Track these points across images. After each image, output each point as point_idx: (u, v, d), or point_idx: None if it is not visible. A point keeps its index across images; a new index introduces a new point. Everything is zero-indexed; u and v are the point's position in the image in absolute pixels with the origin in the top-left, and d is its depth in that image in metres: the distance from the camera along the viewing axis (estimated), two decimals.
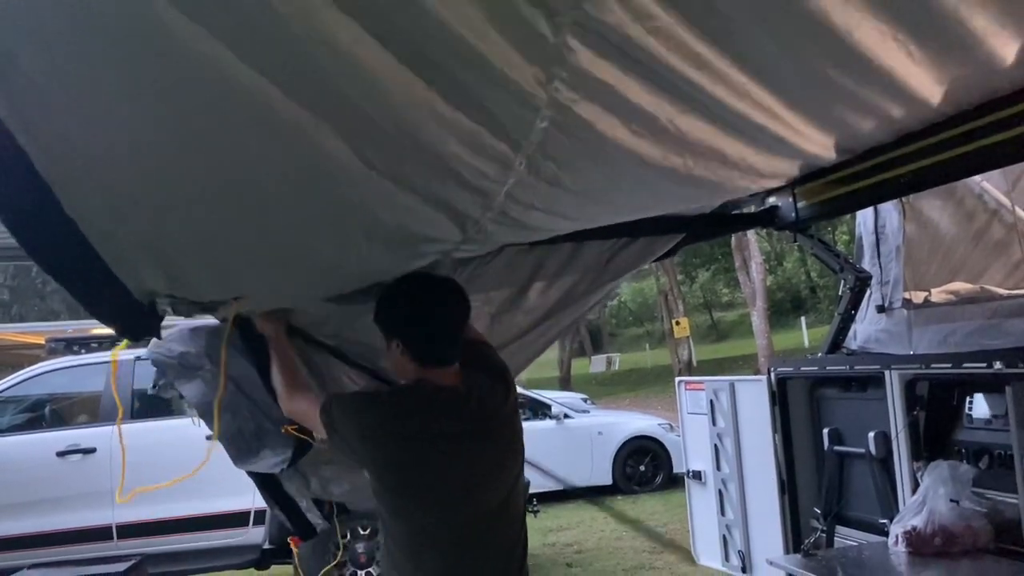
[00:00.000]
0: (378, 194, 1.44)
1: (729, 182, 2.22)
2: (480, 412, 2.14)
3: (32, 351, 9.71)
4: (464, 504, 2.10)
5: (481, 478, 2.13)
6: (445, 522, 2.09)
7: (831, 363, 3.60)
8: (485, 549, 2.12)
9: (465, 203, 1.62)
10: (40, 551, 5.87)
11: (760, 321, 20.07)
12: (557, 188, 1.64)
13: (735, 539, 3.93)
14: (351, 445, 2.09)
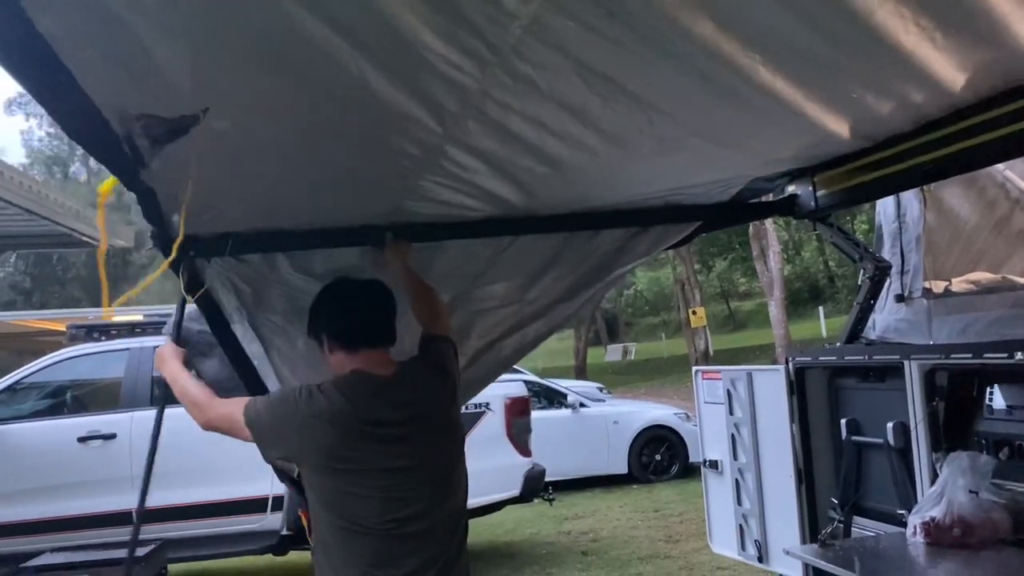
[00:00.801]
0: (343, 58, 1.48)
1: (732, 141, 2.22)
2: (414, 400, 2.21)
3: (53, 338, 9.83)
4: (399, 490, 2.14)
5: (416, 464, 2.17)
6: (380, 509, 2.12)
7: (850, 353, 3.58)
8: (421, 538, 2.15)
9: (441, 93, 1.65)
10: (61, 535, 5.94)
11: (777, 311, 19.98)
12: (534, 91, 1.67)
13: (751, 528, 3.93)
14: (285, 438, 2.14)
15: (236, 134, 1.86)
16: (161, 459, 6.74)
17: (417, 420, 2.20)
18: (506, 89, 1.66)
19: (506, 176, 2.29)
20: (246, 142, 1.88)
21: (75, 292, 31.59)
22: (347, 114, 1.78)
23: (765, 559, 3.85)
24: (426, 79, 1.59)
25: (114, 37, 1.43)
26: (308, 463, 2.15)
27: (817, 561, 2.82)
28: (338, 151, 2.04)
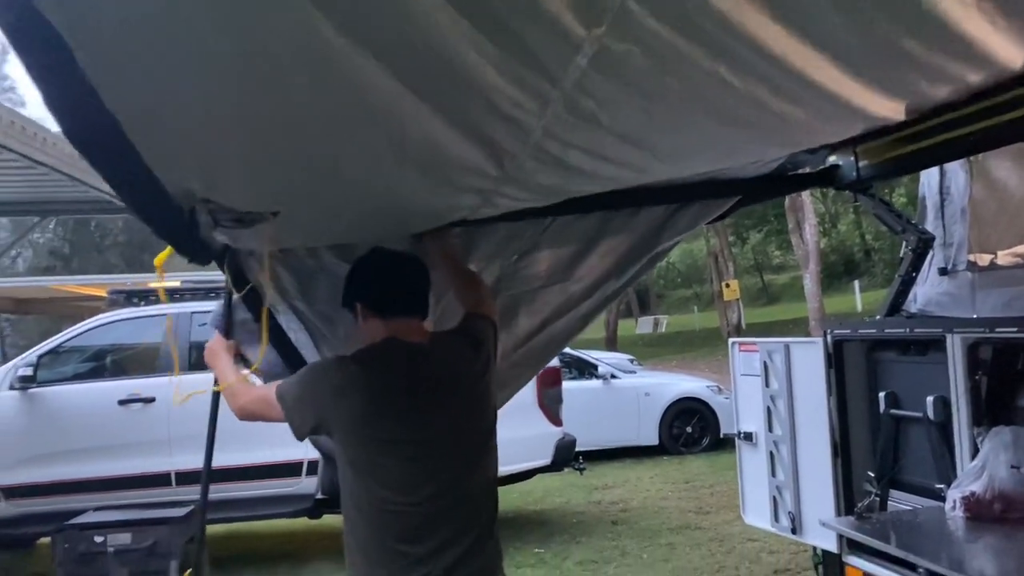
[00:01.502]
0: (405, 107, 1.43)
1: (783, 137, 2.17)
2: (446, 370, 2.21)
3: (92, 303, 10.00)
4: (428, 461, 2.12)
5: (446, 436, 2.16)
6: (408, 480, 2.11)
7: (890, 326, 3.53)
8: (450, 511, 2.13)
9: (501, 134, 1.60)
10: (103, 495, 6.09)
11: (812, 284, 19.76)
12: (596, 127, 1.62)
13: (785, 501, 3.91)
14: (317, 407, 2.12)
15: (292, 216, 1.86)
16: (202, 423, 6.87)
17: (448, 390, 2.20)
18: (567, 125, 1.59)
19: (558, 197, 2.31)
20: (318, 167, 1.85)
21: (112, 259, 32.09)
22: (404, 170, 1.74)
23: (799, 531, 3.84)
24: (488, 121, 1.54)
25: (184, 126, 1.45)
26: (339, 432, 2.14)
27: (853, 533, 2.81)
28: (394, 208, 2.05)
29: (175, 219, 1.82)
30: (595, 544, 6.89)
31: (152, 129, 1.44)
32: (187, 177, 1.70)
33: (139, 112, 1.37)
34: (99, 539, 3.94)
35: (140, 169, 1.55)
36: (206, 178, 1.74)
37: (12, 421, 6.49)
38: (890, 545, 2.58)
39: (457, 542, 2.11)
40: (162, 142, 1.50)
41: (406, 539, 2.08)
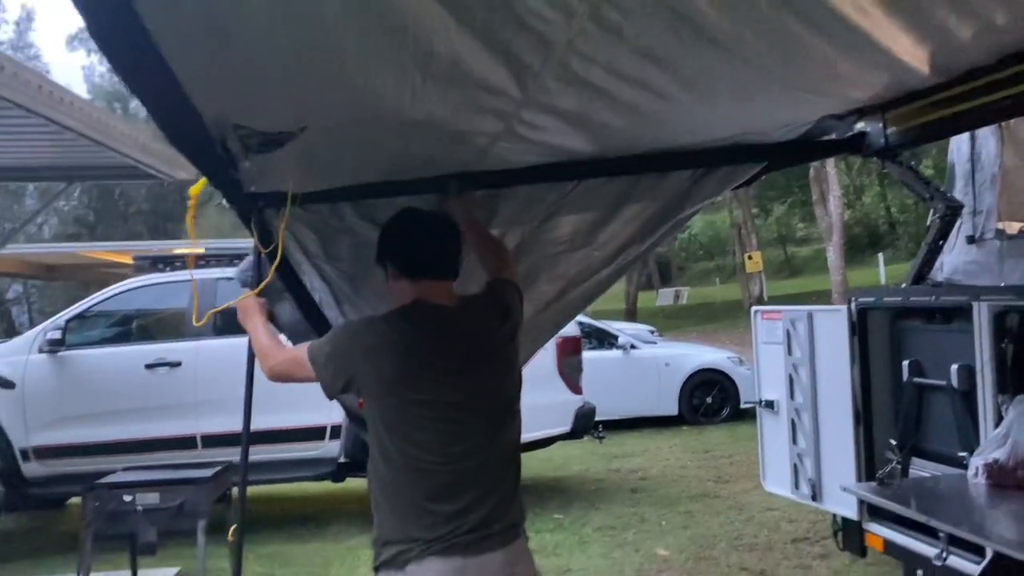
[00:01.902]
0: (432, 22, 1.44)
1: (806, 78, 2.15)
2: (473, 333, 2.23)
3: (117, 270, 10.13)
4: (455, 423, 2.15)
5: (472, 398, 2.18)
6: (436, 441, 2.13)
7: (916, 294, 3.51)
8: (476, 472, 2.15)
9: (522, 47, 1.60)
10: (131, 457, 6.19)
11: (836, 256, 19.62)
12: (619, 41, 1.62)
13: (806, 468, 3.93)
14: (347, 368, 2.15)
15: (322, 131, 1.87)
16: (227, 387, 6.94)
17: (475, 353, 2.21)
18: (591, 38, 1.60)
19: (579, 130, 2.27)
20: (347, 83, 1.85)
21: (136, 227, 32.39)
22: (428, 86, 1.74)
23: (819, 498, 3.85)
24: (512, 35, 1.54)
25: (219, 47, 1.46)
26: (368, 393, 2.18)
27: (874, 498, 2.81)
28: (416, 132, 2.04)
29: (209, 148, 1.87)
30: (614, 511, 6.94)
31: (189, 52, 1.47)
32: (220, 101, 1.72)
33: (178, 36, 1.40)
34: (128, 498, 4.00)
35: (177, 95, 1.58)
36: (238, 100, 1.76)
37: (42, 384, 6.61)
38: (911, 510, 2.58)
39: (483, 502, 2.14)
40: (197, 65, 1.52)
41: (433, 497, 2.11)
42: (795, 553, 5.56)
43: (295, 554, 6.11)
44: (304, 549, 6.25)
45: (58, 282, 17.77)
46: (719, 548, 5.78)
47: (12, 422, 6.50)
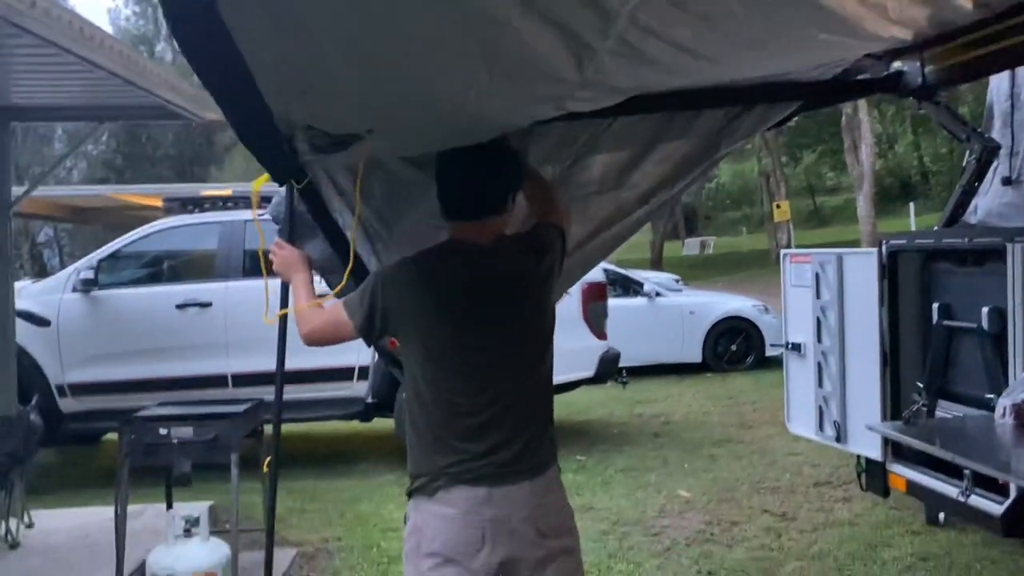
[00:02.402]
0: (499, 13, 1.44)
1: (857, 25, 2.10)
2: (507, 272, 2.22)
3: (147, 212, 10.22)
4: (488, 362, 2.17)
5: (506, 337, 2.19)
6: (469, 380, 2.16)
7: (948, 236, 3.47)
8: (508, 412, 2.17)
9: (584, 24, 1.58)
10: (163, 394, 6.32)
11: (866, 206, 19.37)
12: (679, 9, 1.60)
13: (831, 410, 3.94)
14: (383, 312, 2.15)
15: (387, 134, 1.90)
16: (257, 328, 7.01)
17: (509, 293, 2.22)
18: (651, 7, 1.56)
19: (625, 95, 2.25)
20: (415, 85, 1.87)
21: (164, 171, 32.58)
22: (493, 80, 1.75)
23: (843, 439, 3.87)
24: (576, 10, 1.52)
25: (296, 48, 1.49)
26: (402, 333, 2.20)
27: (900, 436, 2.83)
28: (473, 128, 2.07)
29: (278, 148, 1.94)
30: (637, 453, 7.02)
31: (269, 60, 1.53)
32: (293, 106, 1.79)
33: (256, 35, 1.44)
34: (163, 431, 4.09)
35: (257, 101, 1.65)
36: (310, 106, 1.81)
37: (76, 322, 6.74)
38: (936, 448, 2.59)
39: (513, 441, 2.17)
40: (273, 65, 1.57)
41: (464, 436, 2.14)
42: (817, 496, 5.62)
43: (324, 490, 6.26)
44: (333, 485, 6.40)
45: (88, 225, 17.96)
46: (741, 490, 5.84)
47: (48, 359, 6.66)
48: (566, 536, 2.25)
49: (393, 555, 4.72)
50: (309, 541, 5.05)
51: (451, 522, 2.11)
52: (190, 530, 3.73)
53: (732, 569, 4.34)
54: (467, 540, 2.10)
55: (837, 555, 4.49)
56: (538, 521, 2.17)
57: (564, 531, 2.25)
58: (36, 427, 4.92)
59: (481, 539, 2.10)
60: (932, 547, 4.52)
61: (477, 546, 2.11)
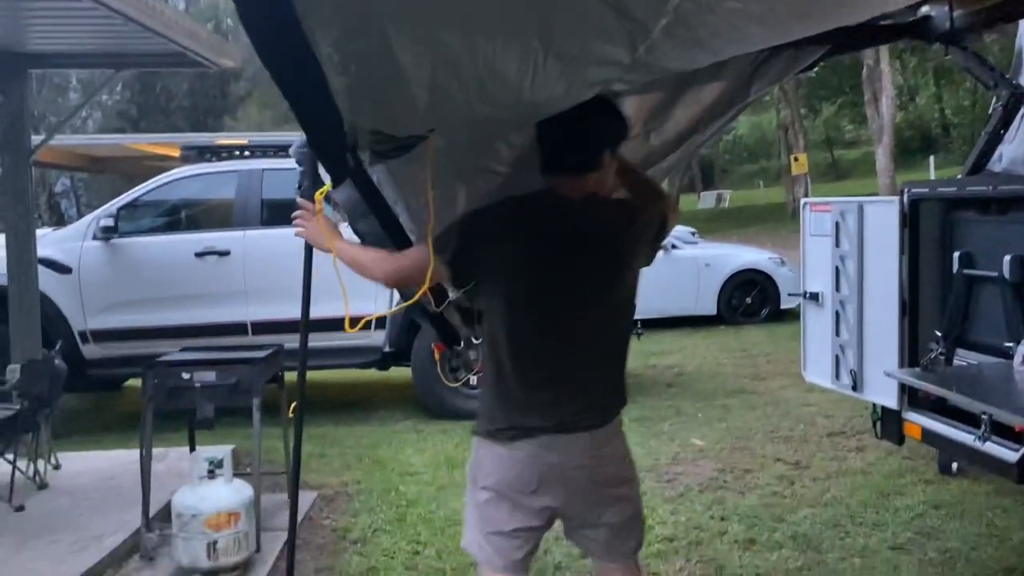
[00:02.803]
0: None
1: None
2: (596, 229, 2.20)
3: (163, 163, 10.23)
4: (569, 311, 2.18)
5: (581, 290, 2.19)
6: (549, 328, 2.17)
7: (972, 184, 3.44)
8: (583, 363, 2.20)
9: (639, 1, 1.60)
10: (184, 341, 6.39)
11: (885, 159, 19.15)
12: None
13: (848, 359, 3.95)
14: (475, 255, 2.17)
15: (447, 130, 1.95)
16: (275, 277, 7.08)
17: (594, 248, 2.21)
18: None
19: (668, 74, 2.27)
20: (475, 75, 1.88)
21: (179, 121, 32.51)
22: (550, 59, 1.75)
23: (859, 388, 3.89)
24: None
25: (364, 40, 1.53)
26: (486, 278, 2.21)
27: (918, 382, 2.84)
28: (525, 119, 2.11)
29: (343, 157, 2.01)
30: (650, 403, 7.07)
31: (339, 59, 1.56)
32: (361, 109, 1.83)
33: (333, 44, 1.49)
34: (186, 375, 4.16)
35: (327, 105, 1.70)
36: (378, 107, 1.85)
37: (97, 270, 6.81)
38: (954, 393, 2.61)
39: (585, 392, 2.21)
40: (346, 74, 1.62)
41: (535, 386, 2.17)
42: (830, 446, 5.66)
43: (343, 435, 6.36)
44: (351, 431, 6.50)
45: (104, 175, 18.00)
46: (755, 440, 5.90)
47: (70, 306, 6.74)
48: (623, 485, 2.30)
49: (411, 498, 4.82)
50: (329, 484, 5.15)
51: (509, 463, 2.18)
52: (214, 472, 3.81)
53: (744, 515, 4.41)
54: (522, 482, 2.17)
55: (849, 503, 4.54)
56: (594, 470, 2.21)
57: (621, 481, 2.30)
58: (61, 371, 5.00)
59: (536, 482, 2.17)
60: (944, 496, 4.56)
61: (531, 488, 2.17)
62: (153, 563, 3.91)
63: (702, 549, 3.95)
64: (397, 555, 4.04)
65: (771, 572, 3.72)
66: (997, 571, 3.65)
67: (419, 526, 4.39)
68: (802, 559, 3.83)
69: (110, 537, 4.03)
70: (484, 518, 2.24)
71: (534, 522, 2.22)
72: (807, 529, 4.19)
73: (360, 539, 4.28)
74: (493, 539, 2.22)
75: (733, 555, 3.92)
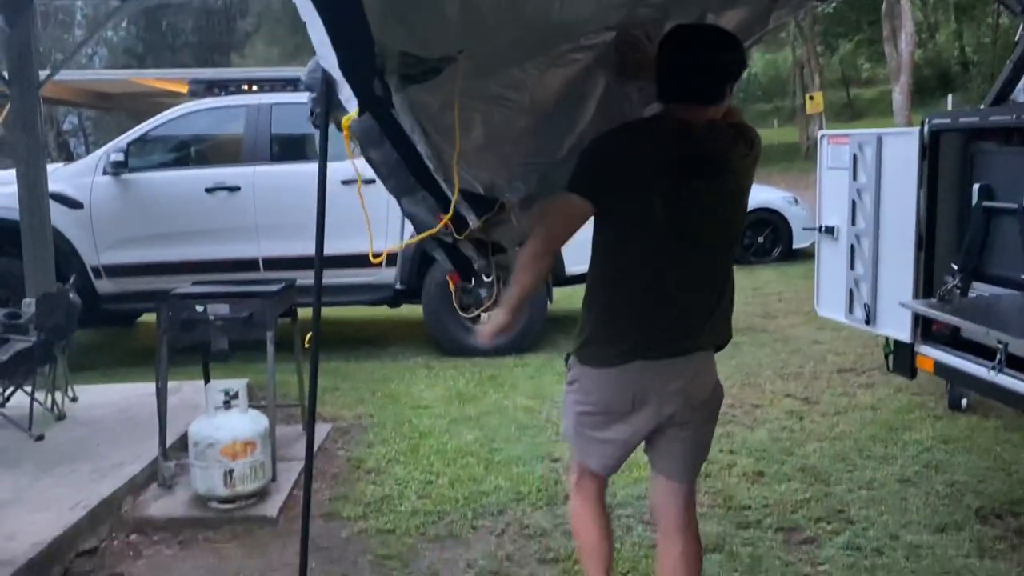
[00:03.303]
0: None
1: None
2: (711, 152, 2.19)
3: (172, 99, 10.15)
4: (679, 240, 2.19)
5: (699, 215, 2.20)
6: (657, 251, 2.19)
7: (994, 114, 3.37)
8: (696, 288, 2.24)
9: None
10: (196, 277, 6.42)
11: (902, 97, 18.83)
12: None
13: (862, 293, 3.93)
14: (596, 176, 2.18)
15: None
16: (288, 213, 7.04)
17: (714, 174, 2.21)
18: None
19: None
20: None
21: (184, 59, 32.14)
22: None
23: (872, 322, 3.88)
24: None
25: None
26: (605, 202, 2.20)
27: (933, 312, 2.83)
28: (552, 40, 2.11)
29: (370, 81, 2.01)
30: None
31: None
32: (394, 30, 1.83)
33: None
34: (200, 308, 4.18)
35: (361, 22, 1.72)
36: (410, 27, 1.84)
37: (107, 205, 6.80)
38: (969, 322, 2.59)
39: (698, 316, 2.25)
40: None
41: (653, 310, 2.21)
42: (840, 382, 5.68)
43: (355, 370, 6.42)
44: (363, 367, 6.55)
45: (112, 112, 17.89)
46: (764, 376, 5.92)
47: (82, 241, 6.76)
48: (708, 409, 2.39)
49: (423, 431, 4.87)
50: (342, 417, 5.21)
51: (616, 384, 2.26)
52: (229, 403, 3.85)
53: (753, 448, 4.44)
54: (625, 400, 2.26)
55: (858, 437, 4.57)
56: (689, 394, 2.28)
57: (709, 406, 2.39)
58: (75, 304, 5.04)
59: (638, 401, 2.25)
60: (953, 431, 4.58)
61: (627, 407, 2.27)
62: (172, 491, 3.98)
63: (711, 481, 3.99)
64: (410, 484, 4.10)
65: (778, 503, 3.76)
66: (1004, 503, 3.68)
67: (432, 457, 4.45)
68: (810, 491, 3.88)
69: (128, 466, 4.11)
70: (583, 424, 2.36)
71: (629, 437, 2.33)
72: (815, 462, 4.23)
73: (374, 469, 4.34)
74: (592, 444, 2.37)
75: (741, 487, 3.96)
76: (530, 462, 4.34)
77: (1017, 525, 3.48)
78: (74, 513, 3.57)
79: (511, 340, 6.65)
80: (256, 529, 3.69)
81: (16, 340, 4.72)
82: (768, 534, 3.48)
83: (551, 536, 3.52)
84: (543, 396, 5.54)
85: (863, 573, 3.14)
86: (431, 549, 3.45)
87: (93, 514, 3.62)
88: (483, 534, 3.57)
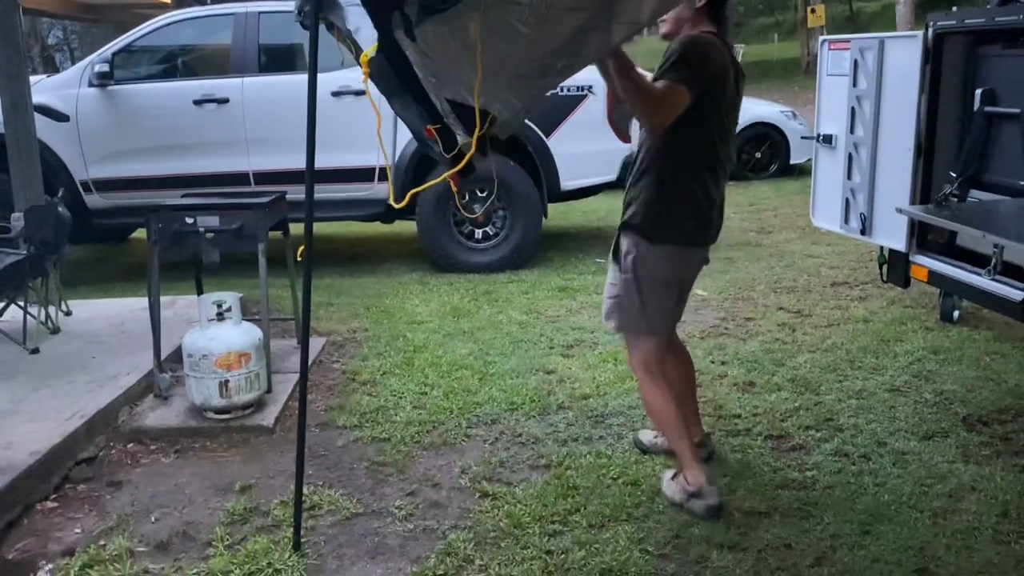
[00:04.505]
0: None
1: None
2: (741, 70, 2.82)
3: (157, 11, 9.86)
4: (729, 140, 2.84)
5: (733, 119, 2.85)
6: (723, 141, 2.79)
7: (1002, 14, 3.27)
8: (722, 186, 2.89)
9: None
10: (186, 191, 6.35)
11: (906, 10, 18.38)
12: None
13: (858, 203, 3.89)
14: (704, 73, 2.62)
15: None
16: (276, 126, 6.90)
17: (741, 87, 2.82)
18: None
19: None
20: None
21: None
22: None
23: (868, 232, 3.85)
24: None
25: None
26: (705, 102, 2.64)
27: (929, 217, 2.80)
28: None
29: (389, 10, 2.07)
30: None
31: None
32: None
33: None
34: (190, 220, 4.13)
35: None
36: None
37: (94, 117, 6.66)
38: (965, 226, 2.57)
39: (720, 208, 2.94)
40: None
41: (711, 203, 2.84)
42: (833, 295, 5.69)
43: (349, 286, 6.41)
44: (357, 282, 6.54)
45: (98, 25, 17.44)
46: (758, 290, 5.93)
47: (70, 155, 6.65)
48: None
49: (418, 344, 4.89)
50: (337, 331, 5.22)
51: (687, 261, 2.94)
52: (223, 315, 3.84)
53: (744, 359, 4.47)
54: (686, 273, 3.01)
55: (849, 348, 4.60)
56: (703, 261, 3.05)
57: None
58: (65, 218, 4.98)
59: (675, 272, 2.95)
60: (944, 342, 4.61)
61: (676, 276, 2.96)
62: (168, 402, 4.01)
63: (701, 391, 4.02)
64: (405, 395, 4.14)
65: (768, 412, 3.80)
66: (991, 411, 3.72)
67: (426, 369, 4.48)
68: (799, 400, 3.92)
69: (124, 377, 4.13)
70: (657, 300, 2.93)
71: (679, 297, 3.04)
72: (806, 373, 4.26)
73: (369, 381, 4.37)
74: (665, 315, 3.01)
75: (732, 396, 4.00)
76: (524, 374, 4.37)
77: (1003, 432, 3.53)
78: (71, 423, 3.60)
79: (505, 258, 6.64)
80: (253, 438, 3.73)
81: (6, 253, 4.69)
82: (757, 441, 3.53)
83: (543, 443, 3.57)
84: (537, 311, 5.55)
85: (850, 478, 3.19)
86: (426, 456, 3.49)
87: (90, 424, 3.65)
88: (477, 442, 3.61)
